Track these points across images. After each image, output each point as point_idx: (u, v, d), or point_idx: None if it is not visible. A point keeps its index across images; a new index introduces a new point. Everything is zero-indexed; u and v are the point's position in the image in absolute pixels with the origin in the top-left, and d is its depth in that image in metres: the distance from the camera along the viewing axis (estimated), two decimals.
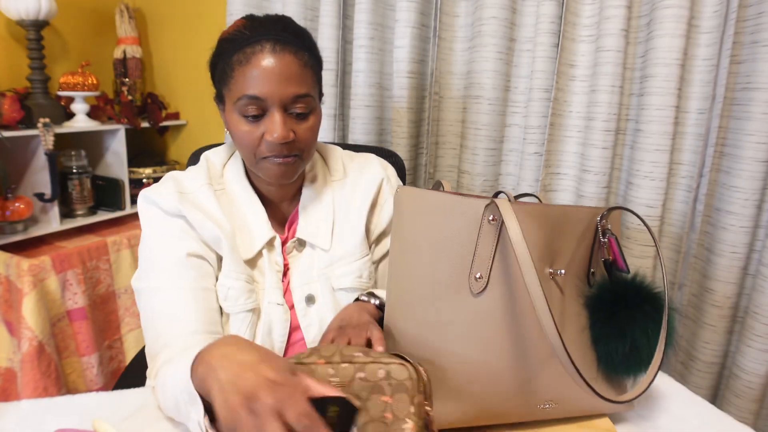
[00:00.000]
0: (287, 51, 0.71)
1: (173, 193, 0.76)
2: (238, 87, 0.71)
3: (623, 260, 0.71)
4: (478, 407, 0.65)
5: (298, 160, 0.76)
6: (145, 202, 0.78)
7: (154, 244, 0.77)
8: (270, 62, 0.70)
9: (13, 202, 1.39)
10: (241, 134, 0.73)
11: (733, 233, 1.24)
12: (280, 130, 0.71)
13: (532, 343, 0.64)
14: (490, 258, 0.63)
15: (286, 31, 0.73)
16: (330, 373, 0.54)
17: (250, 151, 0.74)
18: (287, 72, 0.71)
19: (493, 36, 1.29)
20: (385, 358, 0.54)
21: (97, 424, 0.61)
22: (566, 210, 0.69)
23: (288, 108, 0.72)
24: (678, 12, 1.16)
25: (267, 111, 0.72)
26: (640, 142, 1.25)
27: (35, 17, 1.46)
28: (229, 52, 0.73)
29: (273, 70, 0.70)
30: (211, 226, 0.75)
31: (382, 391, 0.53)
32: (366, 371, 0.54)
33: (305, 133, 0.74)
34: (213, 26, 1.78)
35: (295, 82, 0.71)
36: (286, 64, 0.71)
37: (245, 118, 0.72)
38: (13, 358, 1.33)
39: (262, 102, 0.71)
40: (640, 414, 0.73)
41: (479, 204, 0.63)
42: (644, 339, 0.68)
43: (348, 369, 0.54)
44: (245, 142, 0.73)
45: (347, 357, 0.55)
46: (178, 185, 0.78)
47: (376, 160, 0.91)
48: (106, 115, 1.68)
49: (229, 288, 0.76)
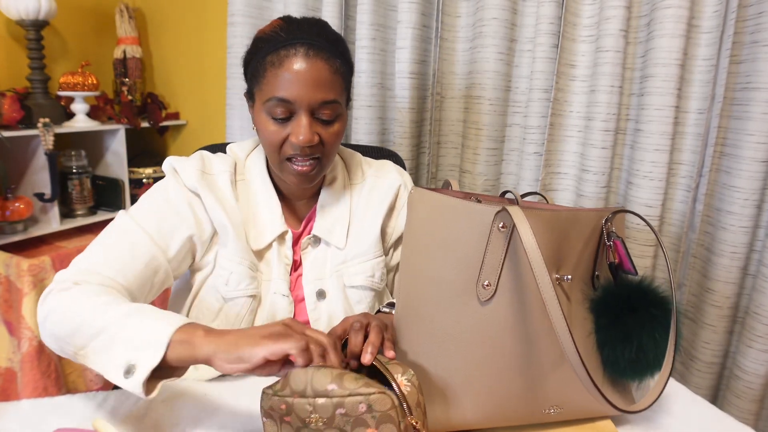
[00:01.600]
0: (320, 57, 0.73)
1: (196, 170, 0.79)
2: (269, 88, 0.73)
3: (631, 263, 0.70)
4: (483, 411, 0.65)
5: (318, 164, 0.77)
6: (169, 166, 0.81)
7: (158, 197, 0.79)
8: (302, 67, 0.72)
9: (13, 202, 1.39)
10: (267, 133, 0.75)
11: (732, 233, 1.24)
12: (306, 134, 0.72)
13: (538, 349, 0.64)
14: (498, 266, 0.62)
15: (321, 36, 0.75)
16: (309, 410, 0.53)
17: (274, 150, 0.76)
18: (317, 78, 0.72)
19: (494, 37, 1.29)
20: (363, 388, 0.52)
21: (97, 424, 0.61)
22: (574, 213, 0.68)
23: (315, 112, 0.74)
24: (678, 12, 1.16)
25: (294, 114, 0.74)
26: (639, 141, 1.25)
27: (35, 17, 1.46)
28: (263, 51, 0.75)
29: (304, 75, 0.72)
30: (220, 212, 0.77)
31: (366, 424, 0.52)
32: (346, 406, 0.52)
33: (330, 138, 0.76)
34: (213, 26, 1.78)
35: (325, 88, 0.73)
36: (318, 69, 0.72)
37: (273, 119, 0.74)
38: (13, 358, 1.33)
39: (291, 105, 0.73)
40: (641, 414, 0.73)
41: (489, 211, 0.62)
42: (651, 343, 0.67)
43: (326, 405, 0.52)
44: (271, 141, 0.75)
45: (321, 392, 0.53)
46: (204, 164, 0.81)
47: (393, 166, 0.94)
48: (106, 115, 1.68)
49: (231, 272, 0.78)
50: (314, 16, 1.37)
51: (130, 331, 0.59)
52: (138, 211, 0.78)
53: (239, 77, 1.38)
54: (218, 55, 1.76)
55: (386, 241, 0.89)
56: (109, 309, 0.62)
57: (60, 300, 0.65)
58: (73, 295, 0.65)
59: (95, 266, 0.70)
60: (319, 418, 0.53)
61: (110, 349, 0.58)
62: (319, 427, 0.54)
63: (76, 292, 0.65)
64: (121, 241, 0.74)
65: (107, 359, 0.58)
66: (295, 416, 0.55)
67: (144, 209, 0.78)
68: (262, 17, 1.40)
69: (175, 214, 0.78)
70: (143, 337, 0.57)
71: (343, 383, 0.53)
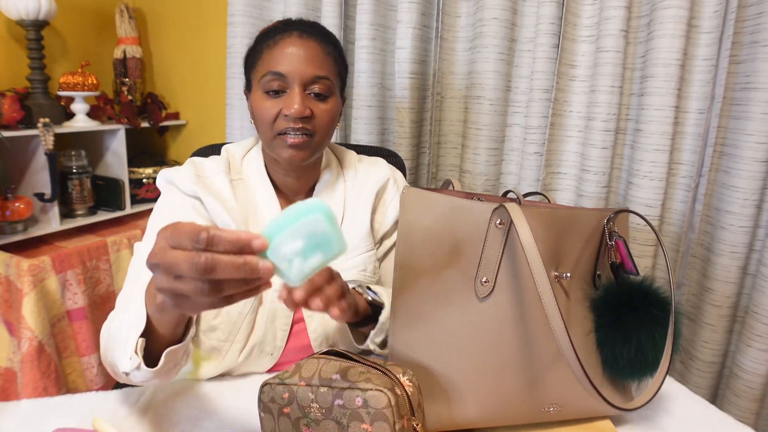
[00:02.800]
0: (313, 39, 0.77)
1: (191, 175, 0.80)
2: (263, 66, 0.77)
3: (632, 262, 0.71)
4: (485, 409, 0.65)
5: (310, 140, 0.78)
6: (163, 180, 0.82)
7: (163, 211, 0.80)
8: (295, 45, 0.76)
9: (13, 202, 1.39)
10: (261, 110, 0.77)
11: (732, 233, 1.24)
12: (298, 105, 0.75)
13: (537, 346, 0.64)
14: (497, 262, 0.62)
15: (315, 26, 0.80)
16: (310, 397, 0.55)
17: (268, 126, 0.78)
18: (309, 54, 0.76)
19: (494, 37, 1.29)
20: (363, 383, 0.53)
21: (97, 424, 0.61)
22: (573, 212, 0.69)
23: (307, 87, 0.77)
24: (678, 12, 1.16)
25: (288, 88, 0.76)
26: (639, 141, 1.25)
27: (35, 17, 1.46)
28: (260, 42, 0.80)
29: (297, 52, 0.76)
30: (222, 212, 0.78)
31: (361, 419, 0.52)
32: (344, 398, 0.53)
33: (322, 114, 0.78)
34: (213, 26, 1.78)
35: (316, 65, 0.77)
36: (310, 48, 0.77)
37: (267, 94, 0.77)
38: (12, 358, 1.33)
39: (284, 78, 0.76)
40: (640, 414, 0.73)
41: (486, 208, 0.63)
42: (650, 343, 0.67)
43: (327, 395, 0.54)
44: (265, 117, 0.77)
45: (326, 380, 0.55)
46: (197, 169, 0.82)
47: (384, 162, 0.95)
48: (106, 115, 1.68)
49: None
50: (314, 15, 1.37)
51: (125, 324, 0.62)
52: (150, 235, 0.79)
53: (239, 77, 1.38)
54: (218, 55, 1.76)
55: (374, 237, 0.90)
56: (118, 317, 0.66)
57: (102, 342, 0.70)
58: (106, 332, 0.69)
59: (125, 302, 0.73)
60: (318, 408, 0.54)
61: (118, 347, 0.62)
62: (317, 417, 0.54)
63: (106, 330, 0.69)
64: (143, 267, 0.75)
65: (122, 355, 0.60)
66: (296, 405, 0.56)
67: (152, 227, 0.80)
68: (262, 17, 1.40)
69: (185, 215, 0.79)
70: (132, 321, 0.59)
71: (346, 375, 0.55)
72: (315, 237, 0.44)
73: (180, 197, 0.80)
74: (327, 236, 0.44)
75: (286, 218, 0.43)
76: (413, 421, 0.54)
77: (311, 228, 0.44)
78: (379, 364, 0.57)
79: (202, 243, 0.40)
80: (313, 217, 0.43)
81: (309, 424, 0.55)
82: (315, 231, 0.44)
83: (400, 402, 0.53)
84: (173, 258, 0.41)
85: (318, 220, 0.44)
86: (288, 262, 0.44)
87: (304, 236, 0.44)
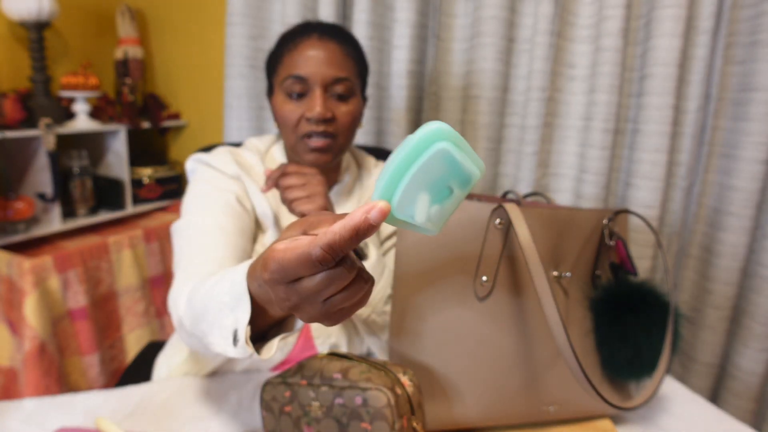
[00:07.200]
0: (332, 40, 0.78)
1: (231, 161, 0.81)
2: (285, 70, 0.78)
3: (632, 263, 0.71)
4: (485, 408, 0.65)
5: (333, 142, 0.79)
6: (198, 163, 0.82)
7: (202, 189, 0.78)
8: (315, 47, 0.77)
9: (14, 202, 1.40)
10: (284, 113, 0.78)
11: (732, 234, 1.24)
12: (319, 107, 0.75)
13: (537, 346, 0.64)
14: (496, 262, 0.63)
15: (334, 28, 0.81)
16: (311, 396, 0.55)
17: (291, 129, 0.79)
18: (330, 56, 0.77)
19: (492, 36, 1.29)
20: (363, 382, 0.53)
21: (100, 423, 0.62)
22: (573, 213, 0.69)
23: (328, 89, 0.77)
24: (677, 12, 1.16)
25: (309, 91, 0.77)
26: (638, 142, 1.25)
27: (37, 18, 1.46)
28: (281, 45, 0.80)
29: (317, 54, 0.76)
30: (262, 199, 0.80)
31: (361, 417, 0.53)
32: (344, 397, 0.54)
33: (343, 117, 0.79)
34: (213, 27, 1.78)
35: (337, 66, 0.77)
36: (330, 50, 0.77)
37: (289, 97, 0.78)
38: (14, 358, 1.33)
39: (305, 81, 0.76)
40: (640, 414, 0.73)
41: (486, 208, 0.63)
42: (649, 344, 0.68)
43: (327, 394, 0.55)
44: (288, 120, 0.78)
45: (327, 379, 0.56)
46: (235, 156, 0.83)
47: None
48: (107, 116, 1.68)
49: None
50: (312, 14, 1.37)
51: (214, 301, 0.52)
52: (191, 211, 0.77)
53: (237, 77, 1.39)
54: (219, 56, 1.76)
55: (379, 239, 0.91)
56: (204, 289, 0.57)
57: (178, 331, 0.66)
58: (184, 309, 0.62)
59: (198, 275, 0.67)
60: (319, 407, 0.55)
61: (213, 328, 0.53)
62: (318, 416, 0.55)
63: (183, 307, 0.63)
64: (193, 237, 0.73)
65: (219, 337, 0.52)
66: (296, 404, 0.56)
67: (198, 204, 0.77)
68: (260, 17, 1.40)
69: (228, 191, 0.78)
70: (226, 300, 0.50)
71: (347, 375, 0.55)
72: (445, 173, 0.34)
73: (221, 177, 0.80)
74: (458, 166, 0.34)
75: (400, 162, 0.33)
76: (413, 421, 0.55)
77: (437, 164, 0.33)
78: (381, 364, 0.58)
79: (325, 261, 0.33)
80: (435, 149, 0.33)
81: (310, 423, 0.56)
82: (443, 166, 0.34)
83: (400, 401, 0.53)
84: (315, 286, 0.35)
85: (443, 151, 0.33)
86: (423, 215, 0.34)
87: (432, 180, 0.34)
